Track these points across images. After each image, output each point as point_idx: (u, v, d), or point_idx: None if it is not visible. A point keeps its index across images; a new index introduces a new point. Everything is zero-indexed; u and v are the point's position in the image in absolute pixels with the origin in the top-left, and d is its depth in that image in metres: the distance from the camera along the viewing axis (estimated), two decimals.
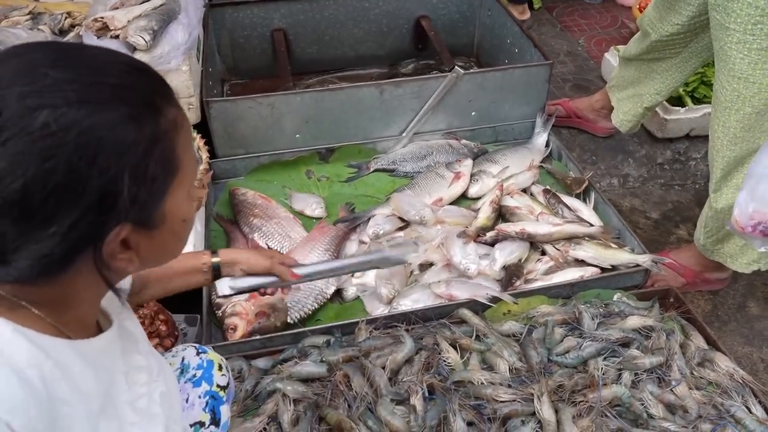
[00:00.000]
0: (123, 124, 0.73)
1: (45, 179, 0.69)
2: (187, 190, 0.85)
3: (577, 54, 3.55)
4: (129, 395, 0.89)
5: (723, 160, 1.90)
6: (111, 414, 0.83)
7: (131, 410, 0.87)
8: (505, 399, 1.62)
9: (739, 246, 2.01)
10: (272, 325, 1.83)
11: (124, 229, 0.76)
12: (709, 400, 1.67)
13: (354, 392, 1.62)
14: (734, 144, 1.86)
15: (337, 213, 2.29)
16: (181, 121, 0.83)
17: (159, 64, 2.05)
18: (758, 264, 2.02)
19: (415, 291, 1.96)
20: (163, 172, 0.79)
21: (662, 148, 2.88)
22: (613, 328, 1.81)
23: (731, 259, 2.05)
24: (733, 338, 2.13)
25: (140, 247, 0.81)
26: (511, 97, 2.57)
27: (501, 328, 1.84)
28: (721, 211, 1.96)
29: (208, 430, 1.23)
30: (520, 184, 2.36)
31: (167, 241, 0.85)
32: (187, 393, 1.25)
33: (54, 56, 0.74)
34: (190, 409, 1.23)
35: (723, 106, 1.83)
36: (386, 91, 2.43)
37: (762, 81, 1.71)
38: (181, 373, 1.28)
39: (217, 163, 2.42)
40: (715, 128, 1.90)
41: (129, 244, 0.79)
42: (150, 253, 0.83)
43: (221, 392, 1.28)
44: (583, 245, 2.06)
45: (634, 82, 2.49)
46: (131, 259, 0.81)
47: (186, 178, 0.84)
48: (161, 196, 0.80)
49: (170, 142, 0.79)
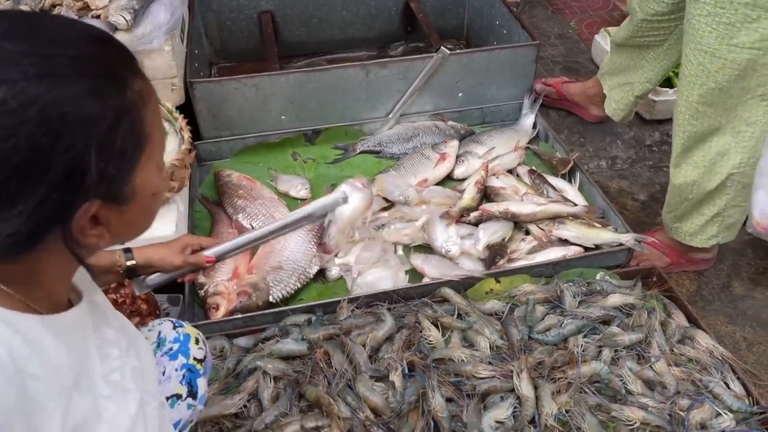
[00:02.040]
0: (87, 98, 0.71)
1: (7, 158, 0.67)
2: (156, 163, 0.84)
3: (567, 36, 3.53)
4: (102, 369, 0.87)
5: (684, 135, 1.90)
6: (85, 387, 0.82)
7: (105, 383, 0.86)
8: (484, 375, 1.63)
9: (699, 225, 2.02)
10: (254, 304, 1.83)
11: (93, 206, 0.75)
12: (688, 377, 1.67)
13: (334, 369, 1.63)
14: (695, 119, 1.86)
15: (322, 194, 2.29)
16: (148, 93, 0.81)
17: (140, 44, 2.04)
18: (716, 238, 2.04)
19: (380, 267, 1.96)
20: (131, 146, 0.77)
21: (651, 130, 2.87)
22: (594, 306, 1.82)
23: (690, 237, 2.07)
24: (717, 317, 2.14)
25: (111, 223, 0.80)
26: (498, 78, 2.56)
27: (483, 306, 1.85)
28: (680, 187, 1.97)
29: (186, 402, 1.24)
30: (506, 164, 2.35)
31: (138, 215, 0.85)
32: (164, 366, 1.25)
33: (6, 26, 0.72)
34: (166, 382, 1.23)
35: (687, 80, 1.82)
36: (372, 72, 2.42)
37: (727, 57, 1.70)
38: (157, 347, 1.28)
39: (203, 145, 2.42)
40: (679, 103, 1.90)
41: (99, 220, 0.78)
42: (121, 228, 0.82)
43: (198, 365, 1.28)
44: (567, 224, 2.06)
45: (624, 70, 2.48)
46: (102, 235, 0.80)
47: (155, 151, 0.83)
48: (130, 170, 0.78)
49: (138, 115, 0.77)
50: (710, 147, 1.88)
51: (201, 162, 2.44)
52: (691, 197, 1.97)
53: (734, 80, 1.74)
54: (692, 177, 1.94)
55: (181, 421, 1.22)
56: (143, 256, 1.46)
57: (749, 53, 1.66)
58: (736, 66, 1.70)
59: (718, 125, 1.83)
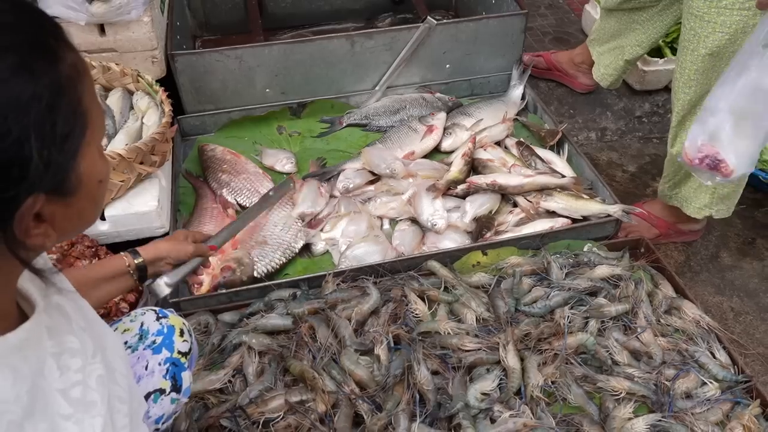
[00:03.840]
0: (15, 76, 0.62)
1: None
2: (98, 145, 0.75)
3: (558, 7, 3.48)
4: (61, 383, 0.76)
5: (679, 103, 1.90)
6: (39, 412, 0.71)
7: (64, 400, 0.76)
8: (470, 348, 1.63)
9: (693, 189, 2.02)
10: (238, 280, 1.81)
11: (38, 201, 0.66)
12: (674, 347, 1.67)
13: (319, 344, 1.61)
14: (688, 87, 1.84)
15: (308, 168, 2.26)
16: (82, 66, 0.72)
17: (118, 14, 1.99)
18: (710, 210, 2.03)
19: (370, 241, 1.94)
20: (73, 128, 0.69)
21: (641, 101, 2.84)
22: (581, 277, 1.81)
23: (686, 203, 2.06)
24: (704, 288, 2.14)
25: (56, 219, 0.70)
26: (486, 48, 2.51)
27: (470, 279, 1.83)
28: (677, 155, 1.96)
29: (169, 397, 1.20)
30: (494, 136, 2.32)
31: (85, 207, 0.75)
32: (147, 360, 1.20)
33: None
34: (149, 376, 1.19)
35: (682, 46, 1.81)
36: (357, 43, 2.37)
37: (716, 20, 1.68)
38: (139, 339, 1.23)
39: (186, 119, 2.37)
40: (676, 70, 1.89)
41: (43, 217, 0.68)
42: (67, 223, 0.73)
43: (182, 359, 1.24)
44: (555, 196, 2.04)
45: (614, 35, 2.44)
46: (47, 234, 0.70)
47: (97, 132, 0.74)
48: (74, 156, 0.69)
49: (75, 92, 0.69)
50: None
51: (185, 137, 2.40)
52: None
53: (724, 46, 1.72)
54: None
55: (164, 415, 1.19)
56: (150, 252, 1.35)
57: (738, 14, 1.64)
58: (726, 30, 1.67)
59: (708, 89, 1.81)
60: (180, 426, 1.46)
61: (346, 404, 1.49)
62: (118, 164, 1.76)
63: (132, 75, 2.08)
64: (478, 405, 1.50)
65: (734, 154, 1.57)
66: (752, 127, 1.55)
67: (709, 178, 1.62)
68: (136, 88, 2.10)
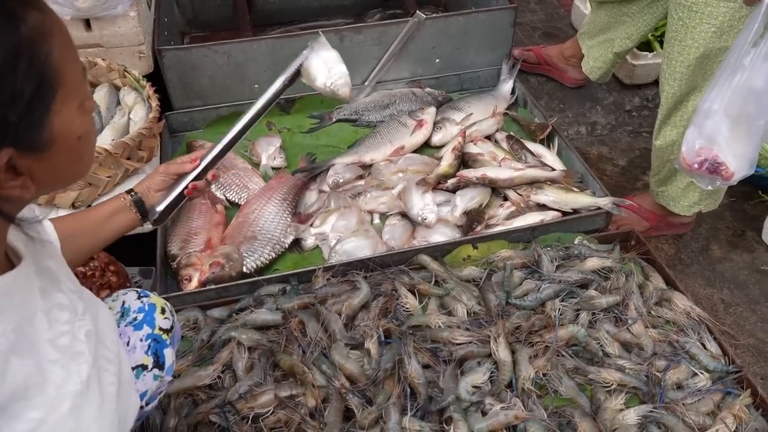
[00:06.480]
0: None
1: None
2: (77, 103, 0.78)
3: (547, 2, 3.48)
4: (50, 333, 0.83)
5: (665, 96, 1.90)
6: (26, 351, 0.78)
7: (52, 347, 0.82)
8: (461, 341, 1.62)
9: (681, 188, 2.01)
10: (227, 275, 1.80)
11: (5, 155, 0.70)
12: (665, 338, 1.67)
13: (308, 338, 1.60)
14: (674, 79, 1.84)
15: (298, 164, 2.25)
16: (51, 27, 0.74)
17: (104, 9, 1.97)
18: (699, 206, 2.04)
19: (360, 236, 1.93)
20: (38, 88, 0.71)
21: (630, 95, 2.84)
22: (572, 270, 1.81)
23: (673, 202, 2.06)
24: (695, 280, 2.14)
25: (33, 172, 0.75)
26: (476, 43, 2.51)
27: (461, 273, 1.83)
28: (660, 149, 1.97)
29: (151, 374, 1.20)
30: (484, 131, 2.32)
31: (64, 162, 0.79)
32: (128, 336, 1.21)
33: None
34: (131, 352, 1.20)
35: (669, 37, 1.81)
36: (347, 37, 2.36)
37: (704, 10, 1.68)
38: (121, 317, 1.24)
39: (174, 116, 2.36)
40: (663, 62, 1.89)
41: (19, 170, 0.73)
42: (46, 176, 0.77)
43: (164, 335, 1.24)
44: (545, 189, 2.04)
45: (604, 28, 2.45)
46: (25, 185, 0.75)
47: (73, 90, 0.76)
48: (43, 114, 0.73)
49: (39, 53, 0.71)
50: (688, 106, 1.86)
51: (173, 133, 2.38)
52: (672, 158, 1.96)
53: (711, 40, 1.72)
54: (671, 137, 1.93)
55: (148, 392, 1.19)
56: (141, 186, 1.45)
57: (725, 5, 1.64)
58: (713, 21, 1.67)
59: (695, 86, 1.82)
60: (169, 422, 1.45)
61: (336, 398, 1.48)
62: (105, 160, 1.74)
63: (119, 70, 2.06)
64: (469, 398, 1.50)
65: (733, 156, 1.57)
66: (747, 128, 1.55)
67: (709, 183, 1.62)
68: (122, 84, 2.09)
